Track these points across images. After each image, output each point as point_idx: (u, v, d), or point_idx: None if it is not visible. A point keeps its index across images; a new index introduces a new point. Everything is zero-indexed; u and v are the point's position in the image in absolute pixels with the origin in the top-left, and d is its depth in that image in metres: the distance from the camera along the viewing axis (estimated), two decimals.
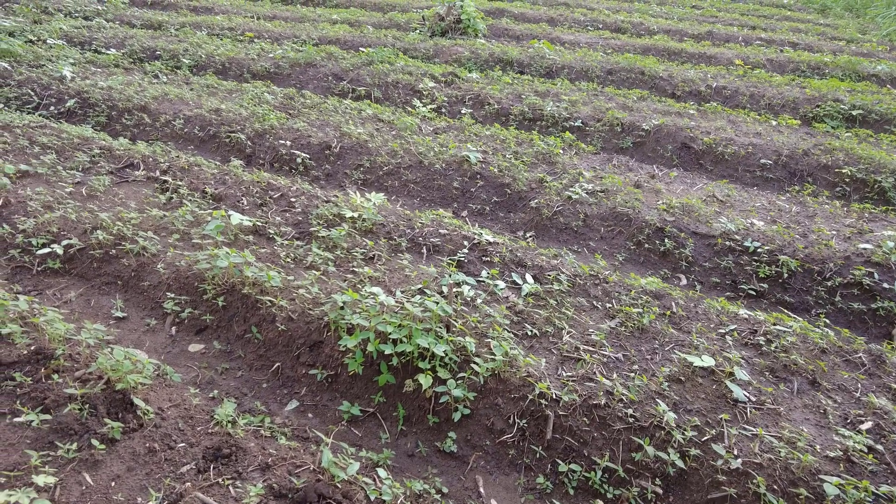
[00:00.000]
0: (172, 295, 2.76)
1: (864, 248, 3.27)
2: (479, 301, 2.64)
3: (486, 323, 2.49)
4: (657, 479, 2.03)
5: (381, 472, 1.92)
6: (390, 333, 2.26)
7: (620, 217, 3.61)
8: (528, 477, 2.09)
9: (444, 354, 2.23)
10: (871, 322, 3.00)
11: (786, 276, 3.23)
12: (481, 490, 2.03)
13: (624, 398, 2.18)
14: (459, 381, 2.21)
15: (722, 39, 8.30)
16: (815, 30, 9.14)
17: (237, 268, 2.70)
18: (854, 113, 5.37)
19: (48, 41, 6.55)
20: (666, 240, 3.43)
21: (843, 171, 4.30)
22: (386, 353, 2.23)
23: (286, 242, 3.04)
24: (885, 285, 3.05)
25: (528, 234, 3.66)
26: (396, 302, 2.46)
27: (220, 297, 2.64)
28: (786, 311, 3.09)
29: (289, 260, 2.87)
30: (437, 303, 2.42)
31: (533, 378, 2.24)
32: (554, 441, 2.13)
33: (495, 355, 2.26)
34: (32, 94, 5.17)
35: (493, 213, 3.87)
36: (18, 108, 5.00)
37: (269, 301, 2.55)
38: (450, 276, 2.77)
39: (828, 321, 2.99)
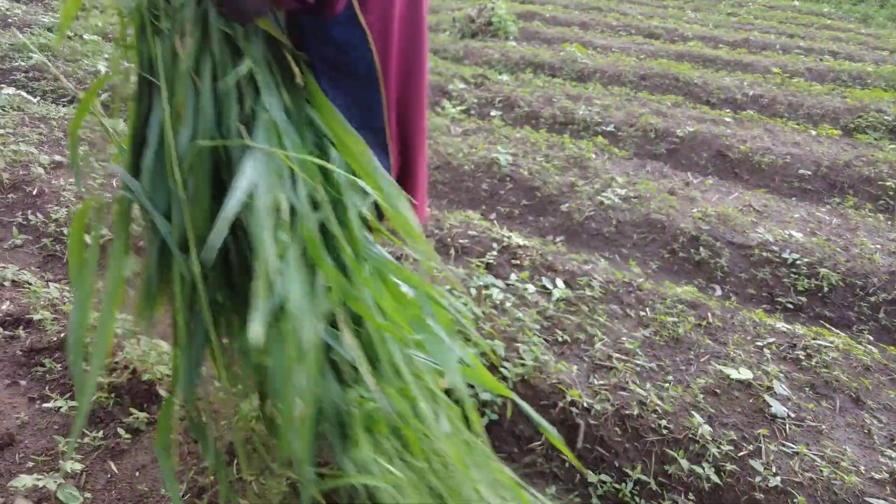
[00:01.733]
0: None
1: None
2: (508, 305, 2.59)
3: (515, 327, 2.44)
4: (690, 494, 1.95)
5: None
6: None
7: (654, 224, 3.52)
8: (557, 486, 2.03)
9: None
10: None
11: (826, 289, 3.11)
12: None
13: (658, 409, 2.11)
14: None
15: (759, 47, 8.12)
16: (857, 39, 8.89)
17: None
18: None
19: (84, 37, 6.68)
20: (701, 249, 3.34)
21: (887, 183, 4.15)
22: None
23: None
24: None
25: (558, 239, 3.60)
26: None
27: None
28: (826, 325, 2.97)
29: None
30: (466, 304, 2.37)
31: (563, 385, 2.18)
32: (584, 451, 2.07)
33: (525, 360, 2.21)
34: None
35: (522, 217, 3.81)
36: (54, 101, 5.10)
37: None
38: (478, 278, 2.73)
39: (871, 338, 2.87)
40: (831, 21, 10.51)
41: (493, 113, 5.34)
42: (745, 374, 2.27)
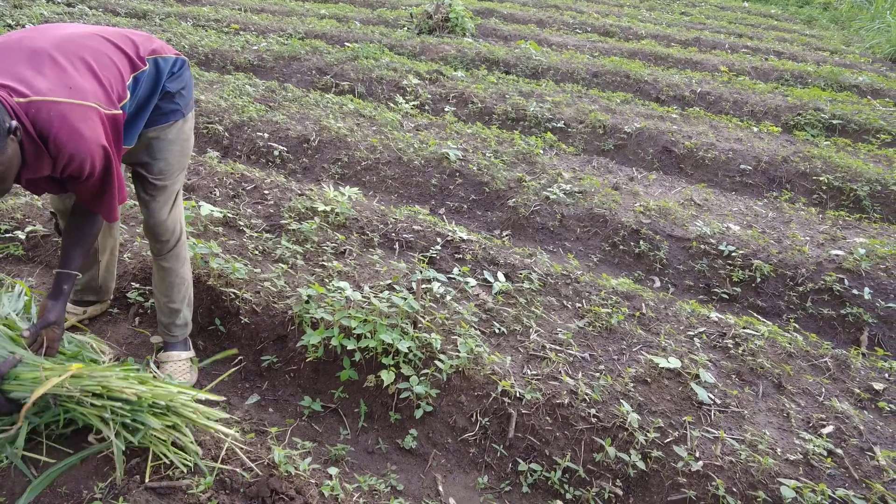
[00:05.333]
0: (137, 285, 2.70)
1: (836, 255, 3.29)
2: (448, 298, 2.61)
3: (453, 320, 2.47)
4: (617, 480, 2.01)
5: (334, 470, 1.88)
6: (354, 328, 2.22)
7: (597, 218, 3.59)
8: (489, 475, 2.06)
9: (408, 351, 2.20)
10: (839, 328, 3.01)
11: (759, 280, 3.24)
12: (440, 488, 2.00)
13: (587, 398, 2.16)
14: (423, 378, 2.18)
15: (709, 46, 8.35)
16: (801, 40, 9.21)
17: (203, 259, 2.64)
18: (834, 122, 5.41)
19: (27, 26, 6.43)
20: (641, 242, 3.43)
21: (821, 178, 4.32)
22: (349, 348, 2.19)
23: (255, 234, 2.99)
24: (855, 292, 3.07)
25: (504, 233, 3.64)
26: (363, 297, 2.42)
27: None
28: (757, 315, 3.09)
29: (257, 252, 2.82)
30: (405, 299, 2.38)
31: (497, 376, 2.22)
32: (516, 440, 2.11)
33: (460, 352, 2.23)
34: None
35: (471, 212, 3.84)
36: None
37: (233, 293, 2.50)
38: (420, 272, 2.74)
39: (798, 326, 2.99)
40: (778, 22, 10.86)
41: (446, 109, 5.36)
42: (674, 362, 2.35)
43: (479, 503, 1.98)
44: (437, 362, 2.20)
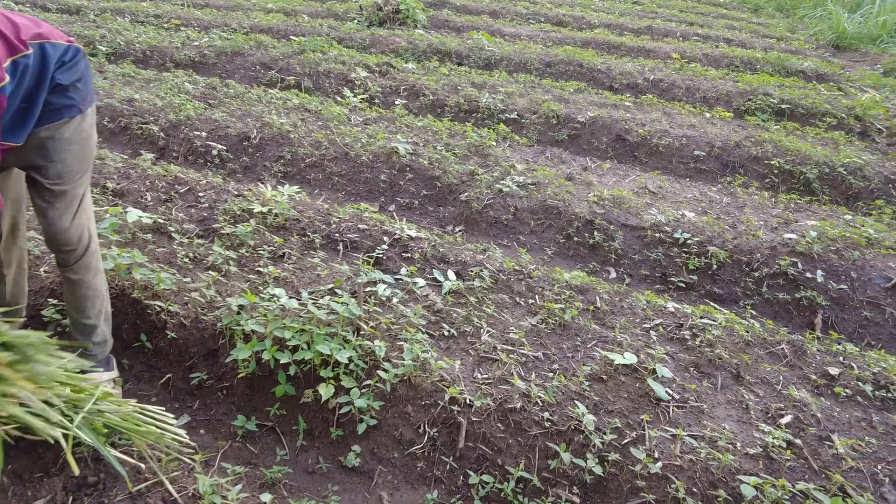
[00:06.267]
0: (55, 301, 2.47)
1: (789, 238, 3.26)
2: (394, 301, 2.47)
3: (399, 324, 2.32)
4: (574, 488, 1.91)
5: (267, 496, 1.72)
6: (289, 340, 2.05)
7: (550, 210, 3.49)
8: (439, 490, 1.93)
9: (348, 361, 2.04)
10: (795, 312, 2.98)
11: (715, 267, 3.19)
12: None
13: (541, 401, 2.05)
14: (365, 390, 2.03)
15: (661, 34, 8.37)
16: (749, 27, 9.34)
17: (127, 269, 2.43)
18: (783, 107, 5.45)
19: None
20: (595, 232, 3.34)
21: (772, 162, 4.33)
22: (282, 361, 2.02)
23: (186, 241, 2.78)
24: (808, 275, 3.04)
25: (457, 229, 3.51)
26: (300, 304, 2.25)
27: None
28: (714, 303, 3.04)
29: (187, 260, 2.62)
30: (346, 304, 2.23)
31: (445, 382, 2.08)
32: (466, 450, 1.98)
33: (405, 359, 2.09)
34: None
35: (423, 207, 3.70)
36: None
37: (159, 306, 2.30)
38: (364, 274, 2.58)
39: (754, 312, 2.95)
40: (727, 10, 11.01)
41: (397, 102, 5.19)
42: (630, 358, 2.25)
43: None
44: (380, 372, 2.06)
